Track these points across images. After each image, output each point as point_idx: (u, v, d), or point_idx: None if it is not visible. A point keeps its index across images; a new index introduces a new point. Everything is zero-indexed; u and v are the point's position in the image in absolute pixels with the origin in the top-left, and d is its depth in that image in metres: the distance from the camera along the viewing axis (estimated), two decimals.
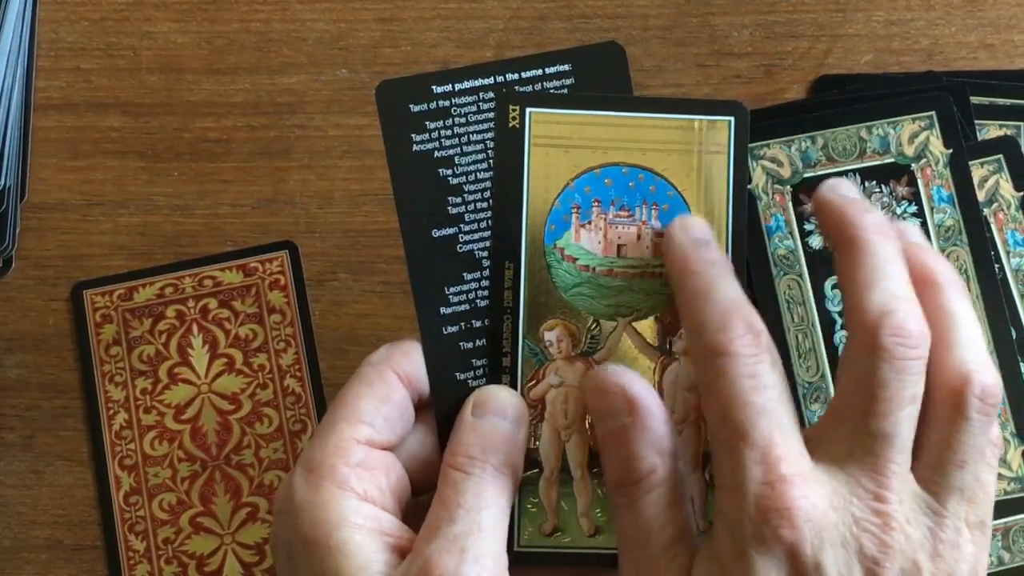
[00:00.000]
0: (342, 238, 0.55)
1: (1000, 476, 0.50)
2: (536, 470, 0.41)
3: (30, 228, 0.56)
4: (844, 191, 0.40)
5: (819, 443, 0.37)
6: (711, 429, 0.37)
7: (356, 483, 0.38)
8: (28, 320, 0.55)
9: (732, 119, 0.41)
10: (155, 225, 0.55)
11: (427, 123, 0.42)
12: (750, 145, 0.44)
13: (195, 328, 0.54)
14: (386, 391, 0.40)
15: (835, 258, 0.40)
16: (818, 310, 0.51)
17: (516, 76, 0.42)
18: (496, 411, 0.40)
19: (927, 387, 0.37)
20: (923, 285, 0.39)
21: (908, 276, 0.38)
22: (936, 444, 0.37)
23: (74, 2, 0.58)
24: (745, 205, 0.42)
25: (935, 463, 0.37)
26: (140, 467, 0.53)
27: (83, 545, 0.53)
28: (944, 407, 0.37)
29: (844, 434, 0.37)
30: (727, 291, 0.38)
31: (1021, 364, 0.51)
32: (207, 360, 0.54)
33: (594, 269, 0.41)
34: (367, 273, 0.55)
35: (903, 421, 0.36)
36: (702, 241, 0.40)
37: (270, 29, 0.57)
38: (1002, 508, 0.49)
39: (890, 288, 0.37)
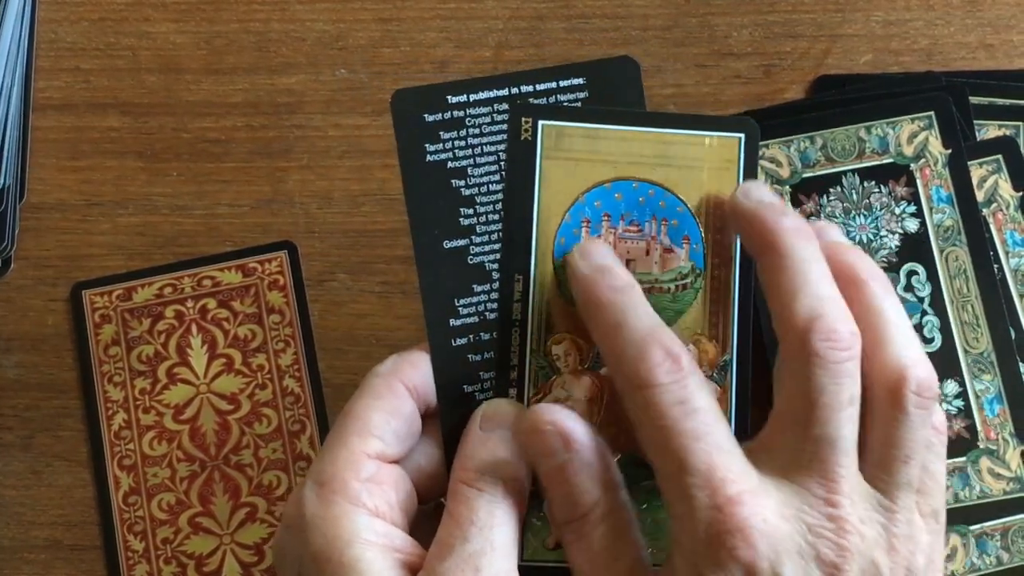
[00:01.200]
0: (341, 238, 0.55)
1: (999, 476, 0.50)
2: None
3: (29, 228, 0.56)
4: (758, 195, 0.39)
5: (763, 455, 0.37)
6: (651, 462, 0.37)
7: (368, 499, 0.38)
8: (27, 320, 0.55)
9: (742, 136, 0.41)
10: (154, 225, 0.55)
11: (441, 133, 0.42)
12: None
13: (194, 328, 0.54)
14: (395, 404, 0.40)
15: (757, 264, 0.39)
16: None
17: (531, 88, 0.42)
18: (505, 425, 0.39)
19: (863, 385, 0.37)
20: (848, 283, 0.38)
21: (831, 276, 0.38)
22: (879, 442, 0.37)
23: (73, 2, 0.58)
24: None
25: (880, 461, 0.37)
26: (139, 467, 0.53)
27: (82, 545, 0.53)
28: (882, 404, 0.37)
29: (787, 443, 0.37)
30: (638, 319, 0.37)
31: (1021, 364, 0.51)
32: (206, 360, 0.54)
33: None
34: (366, 273, 0.55)
35: (845, 423, 0.36)
36: (605, 268, 0.39)
37: (269, 29, 0.57)
38: (1001, 508, 0.49)
39: (815, 292, 0.37)
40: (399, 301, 0.54)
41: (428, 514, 0.41)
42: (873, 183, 0.52)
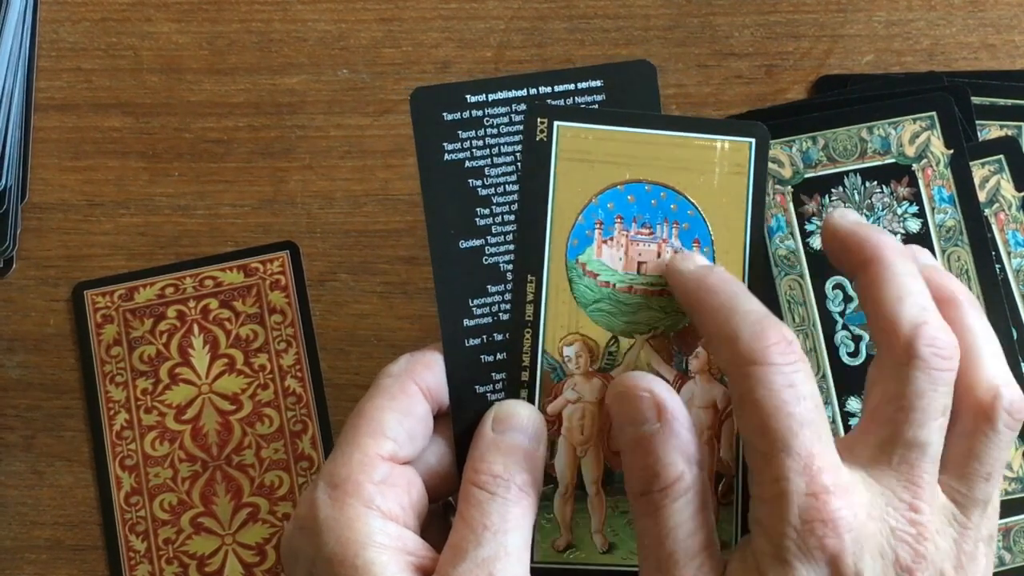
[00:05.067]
0: (343, 238, 0.55)
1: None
2: (551, 486, 0.41)
3: (31, 228, 0.56)
4: (855, 218, 0.41)
5: (852, 452, 0.37)
6: (747, 439, 0.37)
7: (381, 501, 0.38)
8: (29, 320, 0.55)
9: (753, 141, 0.42)
10: (156, 225, 0.55)
11: (459, 132, 0.42)
12: None
13: (196, 328, 0.54)
14: (408, 405, 0.40)
15: (857, 279, 0.40)
16: (819, 310, 0.51)
17: (549, 89, 0.42)
18: (517, 427, 0.39)
19: (954, 401, 0.38)
20: (943, 304, 0.39)
21: (929, 292, 0.39)
22: (964, 456, 0.38)
23: (75, 2, 0.58)
24: (763, 224, 0.42)
25: (962, 475, 0.38)
26: (141, 467, 0.53)
27: (84, 545, 0.53)
28: (973, 419, 0.38)
29: (878, 443, 0.37)
30: (753, 303, 0.38)
31: (1021, 364, 0.50)
32: (208, 360, 0.54)
33: (614, 285, 0.41)
34: (368, 273, 0.55)
35: (936, 431, 0.37)
36: (710, 265, 0.40)
37: (271, 29, 0.57)
38: (1003, 509, 0.49)
39: (919, 301, 0.38)
40: (401, 301, 0.54)
41: (438, 513, 0.41)
42: (875, 183, 0.52)
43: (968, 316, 0.40)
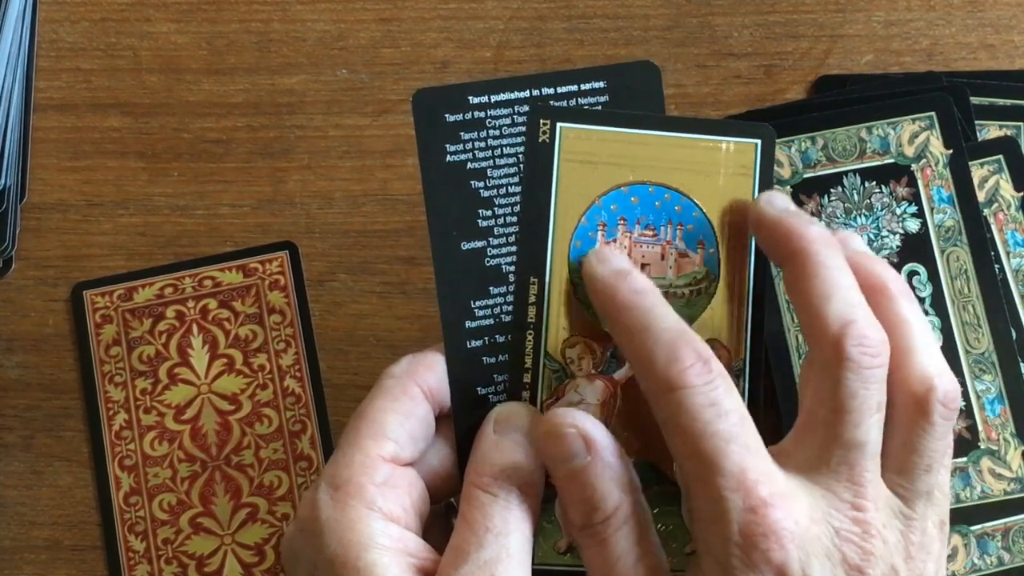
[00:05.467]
0: (342, 238, 0.55)
1: (1000, 477, 0.50)
2: (552, 488, 0.41)
3: (30, 228, 0.56)
4: (783, 204, 0.40)
5: (789, 457, 0.37)
6: (679, 463, 0.37)
7: (383, 503, 0.38)
8: (28, 320, 0.55)
9: (759, 142, 0.41)
10: (155, 225, 0.55)
11: (462, 133, 0.42)
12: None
13: (195, 328, 0.54)
14: (410, 406, 0.40)
15: (783, 272, 0.39)
16: None
17: (552, 91, 0.42)
18: (518, 429, 0.39)
19: (889, 395, 0.37)
20: (874, 293, 0.39)
21: (858, 285, 0.38)
22: (902, 449, 0.37)
23: (74, 2, 0.58)
24: None
25: (902, 468, 0.37)
26: (140, 467, 0.53)
27: (83, 545, 0.53)
28: (908, 413, 0.38)
29: (815, 445, 0.37)
30: (665, 321, 0.37)
31: (1021, 364, 0.51)
32: (207, 360, 0.54)
33: None
34: (367, 274, 0.55)
35: (872, 428, 0.37)
36: (624, 271, 0.39)
37: (270, 29, 0.57)
38: (1002, 509, 0.49)
39: (846, 298, 0.37)
40: (400, 302, 0.54)
41: (440, 514, 0.41)
42: (874, 183, 0.52)
43: (900, 306, 0.39)
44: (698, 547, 0.36)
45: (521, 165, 0.42)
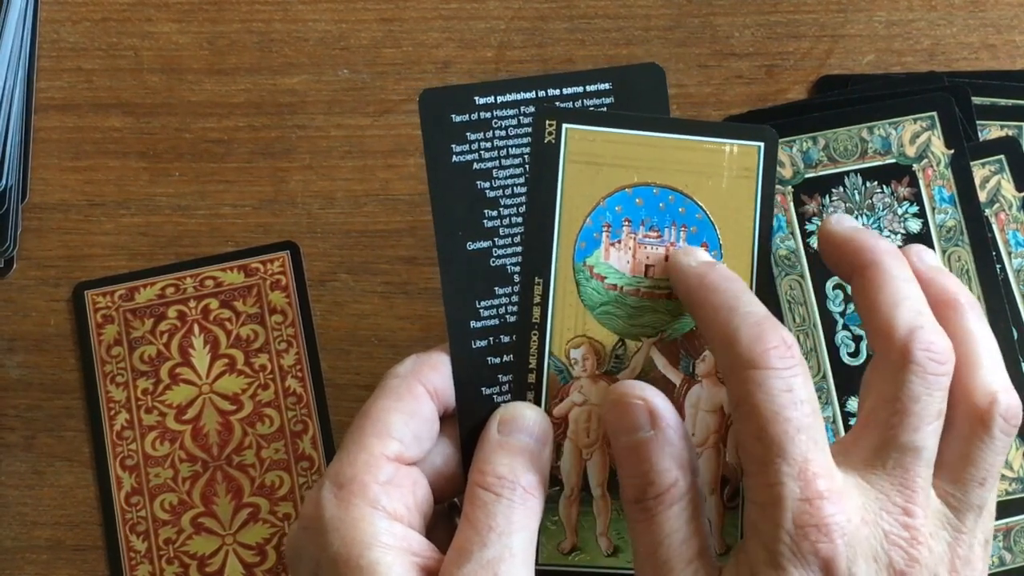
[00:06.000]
0: (343, 238, 0.55)
1: (1002, 477, 0.49)
2: (556, 488, 0.41)
3: (31, 228, 0.56)
4: (850, 223, 0.41)
5: (848, 455, 0.37)
6: (743, 442, 0.37)
7: (387, 501, 0.38)
8: (29, 320, 0.55)
9: (762, 145, 0.42)
10: (156, 225, 0.55)
11: (468, 134, 0.42)
12: None
13: (196, 328, 0.54)
14: (414, 406, 0.40)
15: (852, 284, 0.40)
16: (819, 310, 0.51)
17: (557, 92, 0.42)
18: (522, 429, 0.39)
19: (951, 405, 0.38)
20: (944, 306, 0.40)
21: (925, 297, 0.39)
22: (958, 461, 0.38)
23: (76, 2, 0.58)
24: (771, 228, 0.42)
25: (956, 479, 0.38)
26: (141, 467, 0.53)
27: (84, 545, 0.53)
28: (969, 424, 0.38)
29: (872, 446, 0.37)
30: (754, 304, 0.38)
31: (1022, 364, 0.50)
32: (208, 360, 0.54)
33: (622, 288, 0.41)
34: (368, 273, 0.55)
35: (930, 435, 0.37)
36: (713, 262, 0.40)
37: (271, 29, 0.57)
38: (1003, 509, 0.49)
39: (915, 306, 0.38)
40: (401, 301, 0.54)
41: (443, 513, 0.41)
42: (876, 183, 0.52)
43: (968, 320, 0.40)
44: (747, 531, 0.37)
45: (527, 166, 0.42)
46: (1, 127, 0.54)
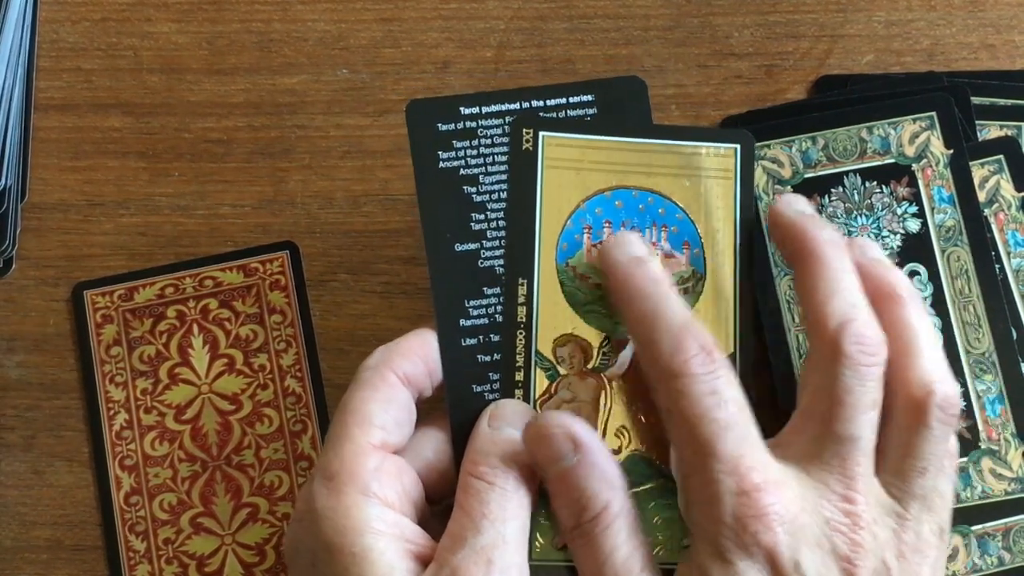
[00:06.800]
0: (343, 238, 0.55)
1: (1000, 476, 0.50)
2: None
3: (30, 228, 0.56)
4: (798, 207, 0.42)
5: (785, 449, 0.38)
6: (677, 449, 0.38)
7: (377, 488, 0.38)
8: (29, 320, 0.55)
9: (738, 147, 0.43)
10: (156, 225, 0.55)
11: (454, 142, 0.43)
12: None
13: (195, 328, 0.54)
14: (390, 393, 0.40)
15: (793, 271, 0.41)
16: None
17: (541, 103, 0.44)
18: (513, 423, 0.40)
19: (889, 397, 0.38)
20: (885, 299, 0.40)
21: (862, 288, 0.40)
22: (898, 451, 0.38)
23: (75, 2, 0.58)
24: (752, 228, 0.43)
25: (897, 469, 0.38)
26: (140, 467, 0.53)
27: (83, 545, 0.53)
28: (906, 415, 0.38)
29: (809, 438, 0.38)
30: (674, 310, 0.38)
31: (1022, 364, 0.51)
32: (207, 360, 0.54)
33: (605, 288, 0.42)
34: (368, 274, 0.55)
35: (865, 425, 0.38)
36: (641, 259, 0.40)
37: (271, 29, 0.57)
38: (1003, 509, 0.49)
39: (848, 298, 0.39)
40: (401, 301, 0.54)
41: (440, 515, 0.42)
42: (875, 183, 0.52)
43: (906, 311, 0.40)
44: (692, 532, 0.37)
45: None
46: (0, 127, 0.54)
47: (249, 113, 0.56)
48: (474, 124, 0.43)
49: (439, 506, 0.42)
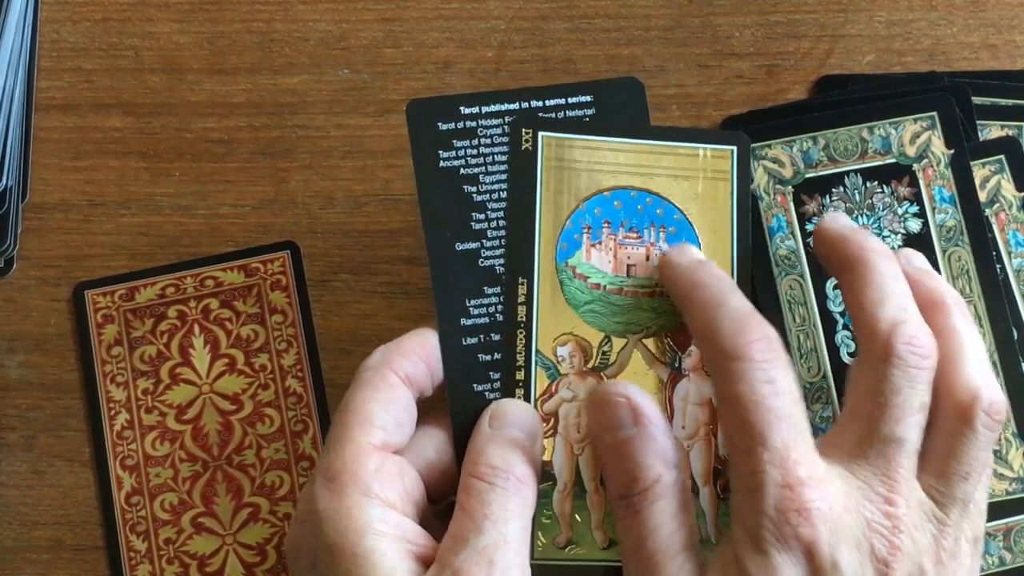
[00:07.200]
0: (344, 238, 0.55)
1: (1001, 476, 0.50)
2: (550, 483, 0.41)
3: (32, 228, 0.56)
4: (845, 222, 0.43)
5: (831, 447, 0.38)
6: (728, 433, 0.38)
7: (379, 489, 0.38)
8: (30, 320, 0.55)
9: (735, 148, 0.43)
10: (157, 225, 0.55)
11: (454, 141, 0.44)
12: (752, 145, 0.45)
13: (196, 328, 0.54)
14: (390, 394, 0.40)
15: (841, 280, 0.41)
16: (819, 310, 0.51)
17: (540, 104, 0.44)
18: (513, 423, 0.40)
19: (935, 401, 0.39)
20: (932, 306, 0.41)
21: (911, 294, 0.40)
22: (942, 455, 0.38)
23: (76, 2, 0.58)
24: (748, 228, 0.43)
25: (940, 472, 0.38)
26: (141, 467, 0.53)
27: (85, 545, 0.53)
28: (952, 420, 0.38)
29: (856, 438, 0.38)
30: (739, 300, 0.39)
31: (1022, 364, 0.51)
32: (208, 360, 0.54)
33: (605, 287, 0.42)
34: (369, 274, 0.55)
35: (912, 427, 0.38)
36: (704, 261, 0.41)
37: (272, 29, 0.57)
38: (1003, 508, 0.49)
39: (899, 303, 0.39)
40: (401, 302, 0.54)
41: (441, 514, 0.42)
42: (876, 183, 0.52)
43: (954, 318, 0.41)
44: (732, 519, 0.37)
45: None
46: (1, 127, 0.54)
47: (250, 113, 0.56)
48: (474, 124, 0.44)
49: (440, 505, 0.42)
